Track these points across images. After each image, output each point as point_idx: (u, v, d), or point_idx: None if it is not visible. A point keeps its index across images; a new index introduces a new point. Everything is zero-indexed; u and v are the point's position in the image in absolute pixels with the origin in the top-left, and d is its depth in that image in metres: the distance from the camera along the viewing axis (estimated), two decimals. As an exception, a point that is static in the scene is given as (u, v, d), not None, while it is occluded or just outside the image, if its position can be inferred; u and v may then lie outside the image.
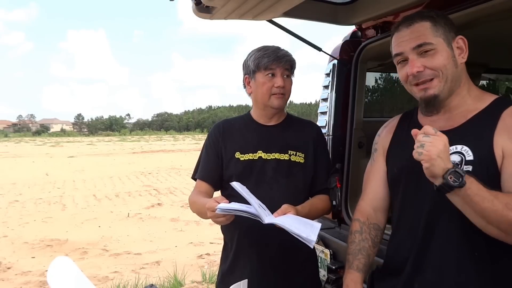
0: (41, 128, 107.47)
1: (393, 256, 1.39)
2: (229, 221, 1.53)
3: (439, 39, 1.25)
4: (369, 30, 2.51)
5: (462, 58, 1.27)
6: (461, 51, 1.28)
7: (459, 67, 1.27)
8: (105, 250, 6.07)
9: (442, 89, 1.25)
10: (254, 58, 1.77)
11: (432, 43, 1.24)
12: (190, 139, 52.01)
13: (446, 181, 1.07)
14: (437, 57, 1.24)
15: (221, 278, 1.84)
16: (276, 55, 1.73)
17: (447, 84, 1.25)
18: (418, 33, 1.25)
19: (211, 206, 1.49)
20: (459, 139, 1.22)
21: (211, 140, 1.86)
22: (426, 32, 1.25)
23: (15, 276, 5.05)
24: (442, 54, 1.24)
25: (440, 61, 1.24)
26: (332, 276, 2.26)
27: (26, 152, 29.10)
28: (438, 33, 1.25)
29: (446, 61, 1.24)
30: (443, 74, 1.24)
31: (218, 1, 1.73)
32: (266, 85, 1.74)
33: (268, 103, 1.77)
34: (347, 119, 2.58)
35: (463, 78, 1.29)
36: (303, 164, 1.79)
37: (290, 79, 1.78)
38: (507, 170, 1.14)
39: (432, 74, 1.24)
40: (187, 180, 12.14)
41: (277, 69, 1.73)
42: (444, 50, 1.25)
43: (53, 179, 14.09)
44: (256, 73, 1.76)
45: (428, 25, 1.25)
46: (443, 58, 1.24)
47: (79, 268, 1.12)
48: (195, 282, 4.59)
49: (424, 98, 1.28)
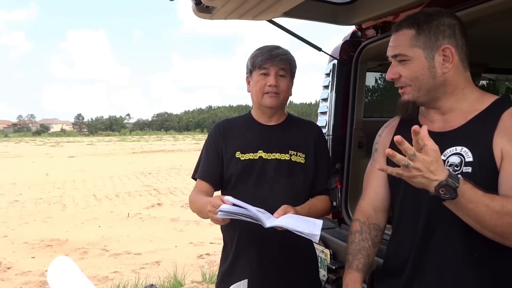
0: (41, 128, 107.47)
1: (393, 256, 1.39)
2: (225, 222, 1.53)
3: (416, 50, 1.25)
4: (369, 30, 2.51)
5: (445, 68, 1.25)
6: (447, 60, 1.25)
7: (439, 77, 1.25)
8: (105, 250, 6.07)
9: (417, 95, 1.29)
10: (251, 57, 1.79)
11: (406, 55, 1.27)
12: (190, 139, 52.01)
13: (437, 193, 1.06)
14: (409, 68, 1.27)
15: (221, 278, 1.84)
16: (270, 54, 1.73)
17: (421, 92, 1.28)
18: (397, 42, 1.30)
19: (216, 203, 1.48)
20: (458, 140, 1.22)
21: (212, 140, 1.86)
22: (404, 42, 1.27)
23: (15, 276, 5.06)
24: (415, 66, 1.26)
25: (411, 72, 1.27)
26: (332, 276, 2.26)
27: (26, 152, 29.10)
28: (417, 43, 1.25)
29: (419, 73, 1.26)
30: (415, 84, 1.28)
31: (218, 1, 1.73)
32: (259, 84, 1.75)
33: (261, 101, 1.77)
34: (347, 119, 2.57)
35: (451, 85, 1.27)
36: (303, 164, 1.79)
37: (286, 78, 1.76)
38: (504, 171, 1.14)
39: (405, 82, 1.29)
40: (187, 180, 12.15)
41: (270, 68, 1.73)
42: (418, 61, 1.26)
43: (53, 179, 14.09)
44: (252, 72, 1.78)
45: (411, 34, 1.26)
46: (415, 69, 1.26)
47: (79, 268, 1.12)
48: (195, 282, 4.59)
49: (400, 101, 1.34)
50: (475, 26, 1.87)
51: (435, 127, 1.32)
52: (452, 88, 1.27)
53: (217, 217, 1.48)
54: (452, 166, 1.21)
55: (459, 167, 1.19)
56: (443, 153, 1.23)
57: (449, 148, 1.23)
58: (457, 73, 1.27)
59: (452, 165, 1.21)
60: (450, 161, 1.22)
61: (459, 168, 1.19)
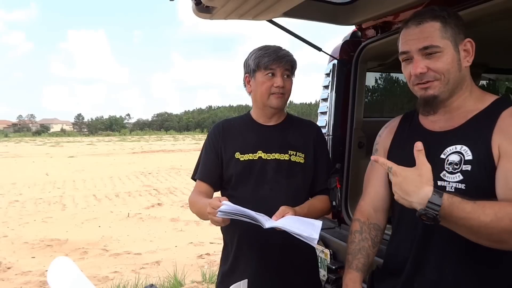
0: (41, 128, 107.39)
1: (393, 256, 1.39)
2: (225, 224, 1.53)
3: (446, 42, 1.23)
4: (369, 30, 2.52)
5: (467, 62, 1.26)
6: (467, 54, 1.26)
7: (462, 70, 1.26)
8: (105, 250, 6.07)
9: (442, 90, 1.25)
10: (254, 57, 1.77)
11: (439, 46, 1.22)
12: (190, 139, 52.00)
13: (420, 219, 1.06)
14: (441, 60, 1.23)
15: (221, 279, 1.84)
16: (276, 55, 1.73)
17: (448, 86, 1.25)
18: (426, 34, 1.23)
19: (215, 204, 1.48)
20: (459, 139, 1.23)
21: (211, 140, 1.86)
22: (434, 33, 1.22)
23: (15, 276, 5.06)
24: (447, 58, 1.23)
25: (444, 65, 1.23)
26: (332, 276, 2.26)
27: (26, 152, 29.08)
28: (446, 35, 1.23)
29: (450, 65, 1.23)
30: (445, 77, 1.24)
31: (218, 1, 1.73)
32: (265, 85, 1.74)
33: (267, 102, 1.77)
34: (347, 119, 2.57)
35: (466, 80, 1.28)
36: (303, 164, 1.79)
37: (290, 79, 1.78)
38: (500, 168, 1.15)
39: (434, 76, 1.24)
40: (187, 180, 12.14)
41: (277, 69, 1.73)
42: (449, 53, 1.23)
43: (53, 179, 14.09)
44: (256, 72, 1.76)
45: (438, 26, 1.23)
46: (447, 61, 1.23)
47: (79, 268, 1.12)
48: (195, 282, 4.59)
49: (423, 97, 1.28)
50: (475, 25, 1.87)
51: (436, 126, 1.32)
52: (465, 84, 1.28)
53: (217, 218, 1.48)
54: (452, 164, 1.21)
55: (458, 165, 1.20)
56: (443, 152, 1.24)
57: (449, 146, 1.24)
58: (468, 70, 1.29)
59: (452, 163, 1.22)
60: (450, 160, 1.22)
61: (459, 167, 1.20)
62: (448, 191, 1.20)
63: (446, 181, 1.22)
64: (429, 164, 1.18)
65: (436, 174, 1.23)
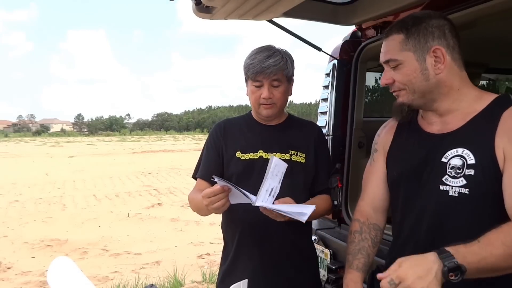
0: (41, 128, 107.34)
1: (395, 258, 1.39)
2: (226, 207, 1.51)
3: (407, 54, 1.25)
4: (369, 30, 2.52)
5: (438, 69, 1.24)
6: (439, 60, 1.24)
7: (432, 79, 1.25)
8: (105, 250, 6.08)
9: (411, 98, 1.29)
10: (244, 65, 1.74)
11: (397, 60, 1.27)
12: (190, 139, 51.99)
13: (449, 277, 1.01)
14: (401, 72, 1.27)
15: (221, 278, 1.84)
16: (261, 66, 1.66)
17: (416, 95, 1.27)
18: (387, 48, 1.31)
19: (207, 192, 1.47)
20: (459, 142, 1.22)
21: (212, 139, 1.86)
22: (394, 47, 1.28)
23: (15, 276, 5.06)
24: (407, 69, 1.26)
25: (404, 76, 1.27)
26: (332, 276, 2.26)
27: (26, 152, 29.08)
28: (407, 47, 1.25)
29: (412, 76, 1.26)
30: (409, 88, 1.28)
31: (218, 1, 1.73)
32: (254, 95, 1.73)
33: (258, 111, 1.77)
34: (347, 119, 2.58)
35: (446, 85, 1.26)
36: (304, 164, 1.79)
37: (281, 86, 1.72)
38: (508, 173, 1.13)
39: (398, 87, 1.30)
40: (187, 180, 12.14)
41: (263, 80, 1.68)
42: (410, 64, 1.25)
43: (53, 179, 14.09)
44: (247, 80, 1.76)
45: (400, 38, 1.27)
46: (407, 73, 1.26)
47: (79, 268, 1.12)
48: (195, 282, 4.59)
49: (396, 104, 1.34)
50: (475, 26, 1.87)
51: (434, 129, 1.31)
52: (447, 89, 1.26)
53: (217, 205, 1.47)
54: (455, 168, 1.20)
55: (461, 169, 1.18)
56: (445, 155, 1.23)
57: (450, 150, 1.22)
58: (451, 74, 1.26)
59: (454, 168, 1.20)
60: (452, 164, 1.21)
61: (462, 171, 1.18)
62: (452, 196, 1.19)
63: (448, 185, 1.21)
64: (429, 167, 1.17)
65: (437, 178, 1.23)
